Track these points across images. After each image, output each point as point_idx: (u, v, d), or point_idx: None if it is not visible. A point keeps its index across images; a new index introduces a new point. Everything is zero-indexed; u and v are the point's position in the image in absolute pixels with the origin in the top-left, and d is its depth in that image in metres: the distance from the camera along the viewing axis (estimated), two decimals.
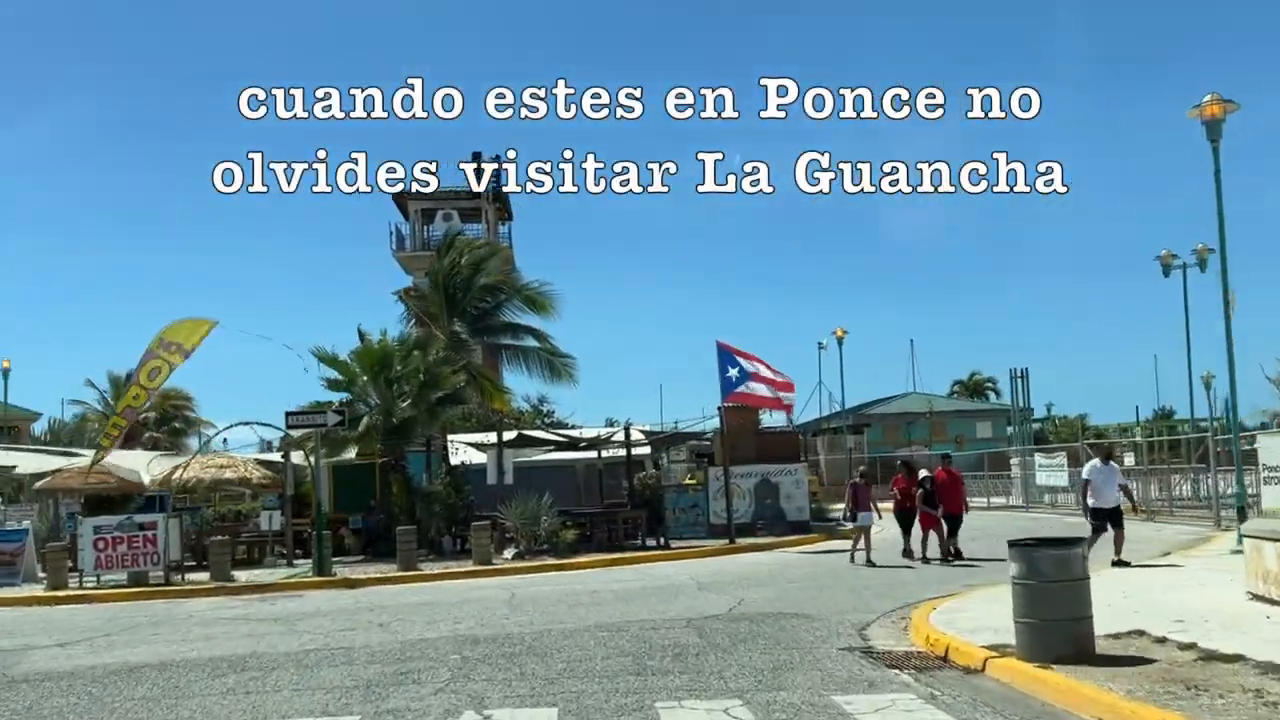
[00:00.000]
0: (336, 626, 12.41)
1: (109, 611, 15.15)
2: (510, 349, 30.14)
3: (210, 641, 11.49)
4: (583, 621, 11.95)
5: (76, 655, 10.84)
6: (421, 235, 51.18)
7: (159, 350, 18.63)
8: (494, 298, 29.20)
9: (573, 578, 17.64)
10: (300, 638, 11.56)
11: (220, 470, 21.39)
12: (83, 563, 17.54)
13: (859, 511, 17.28)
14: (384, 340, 22.82)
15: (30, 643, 11.94)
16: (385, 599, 15.45)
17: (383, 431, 22.39)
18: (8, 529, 20.50)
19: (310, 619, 13.29)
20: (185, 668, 9.76)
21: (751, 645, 9.90)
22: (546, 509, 20.53)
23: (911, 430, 51.19)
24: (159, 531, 17.57)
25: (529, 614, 12.87)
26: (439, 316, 28.24)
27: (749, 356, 23.08)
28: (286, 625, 12.75)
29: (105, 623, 13.68)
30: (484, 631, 11.45)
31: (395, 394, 22.65)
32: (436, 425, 23.15)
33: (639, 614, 12.46)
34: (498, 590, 15.89)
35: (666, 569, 18.54)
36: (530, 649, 10.10)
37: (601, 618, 12.21)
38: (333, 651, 10.44)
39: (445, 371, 22.82)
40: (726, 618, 11.88)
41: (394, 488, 22.98)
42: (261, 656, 10.24)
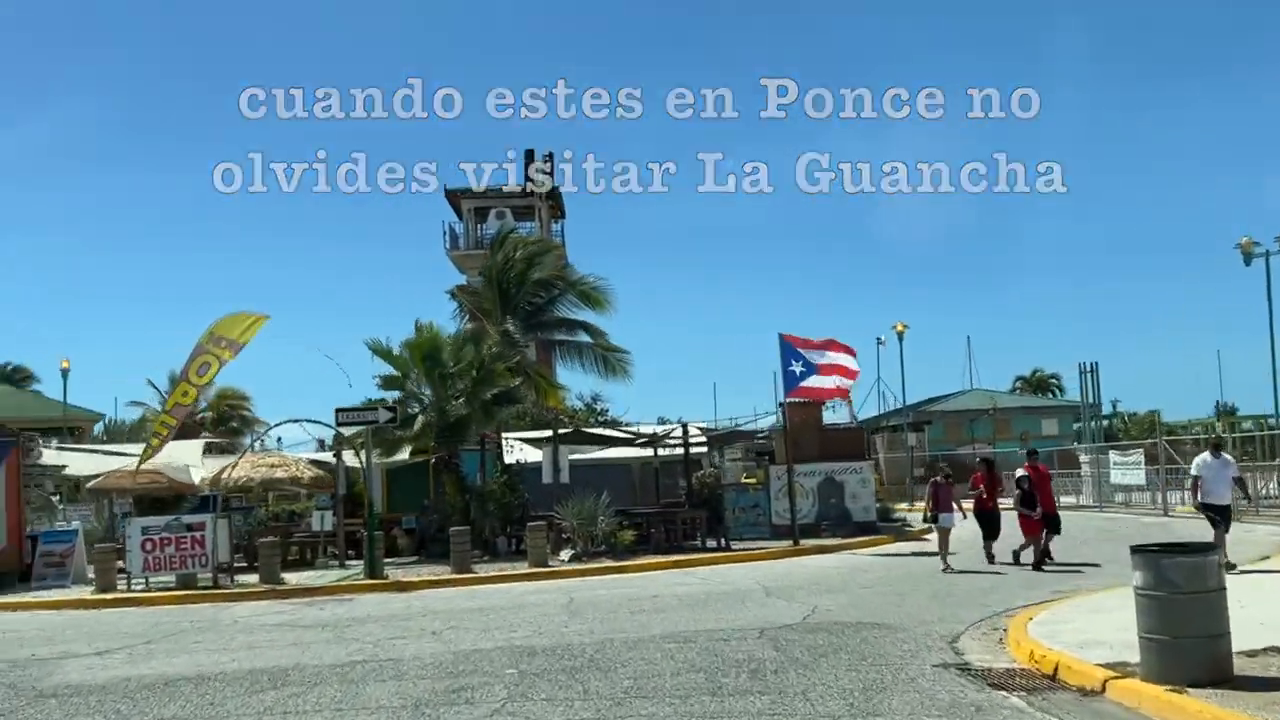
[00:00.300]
0: (386, 634, 11.67)
1: (154, 616, 14.57)
2: (564, 345, 29.41)
3: (252, 651, 10.79)
4: (647, 630, 11.09)
5: (112, 666, 10.18)
6: (475, 234, 50.83)
7: (209, 346, 18.10)
8: (547, 293, 28.48)
9: (632, 581, 16.80)
10: (347, 647, 10.82)
11: (271, 470, 20.85)
12: (130, 565, 17.03)
13: (940, 512, 16.16)
14: (433, 330, 22.11)
15: (68, 650, 11.33)
16: (438, 603, 14.71)
17: (436, 429, 21.70)
18: (58, 530, 20.09)
19: (359, 625, 12.56)
20: (222, 682, 9.04)
21: (835, 660, 8.97)
22: (604, 509, 19.70)
23: (974, 428, 49.66)
24: (207, 532, 17.00)
25: (589, 621, 12.03)
26: (492, 313, 27.56)
27: (813, 344, 21.91)
28: (334, 632, 12.03)
29: (148, 628, 13.08)
30: (542, 641, 10.63)
31: (449, 391, 21.96)
32: (491, 424, 22.42)
33: (706, 622, 11.57)
34: (555, 595, 15.08)
35: (730, 572, 17.62)
36: (593, 662, 9.25)
37: (667, 626, 11.33)
38: (381, 664, 9.67)
39: (500, 367, 22.09)
40: (801, 628, 10.95)
41: (447, 487, 22.29)
42: (304, 669, 9.50)
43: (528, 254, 28.16)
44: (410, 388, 22.01)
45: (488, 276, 27.96)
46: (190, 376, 18.22)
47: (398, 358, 21.88)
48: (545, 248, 28.51)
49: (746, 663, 8.97)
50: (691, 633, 10.82)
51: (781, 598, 13.64)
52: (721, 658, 9.23)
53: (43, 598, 16.91)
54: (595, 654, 9.70)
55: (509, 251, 28.04)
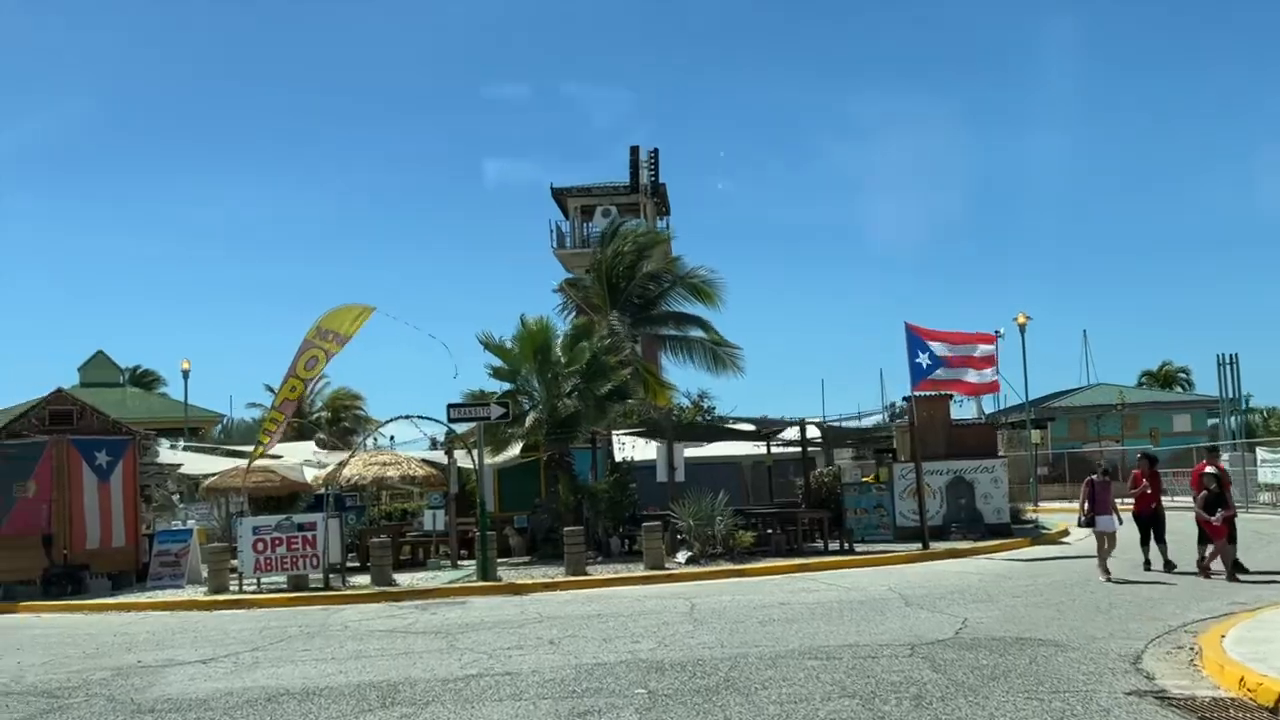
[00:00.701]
0: (501, 643, 10.82)
1: (263, 619, 14.04)
2: (672, 340, 28.55)
3: (361, 661, 10.04)
4: (782, 644, 10.01)
5: (216, 676, 9.53)
6: (581, 232, 50.36)
7: (316, 340, 17.64)
8: (656, 286, 27.69)
9: (754, 586, 15.71)
10: (461, 658, 9.99)
11: (384, 468, 20.34)
12: (242, 565, 16.62)
13: (1098, 515, 14.62)
14: (543, 323, 21.36)
15: (174, 657, 10.77)
16: (553, 608, 13.86)
17: (547, 426, 20.95)
18: (174, 529, 19.92)
19: (472, 633, 11.75)
20: (328, 698, 8.27)
21: (1007, 685, 7.76)
22: (722, 509, 18.63)
23: (1100, 425, 47.06)
24: (318, 532, 16.49)
25: (716, 632, 11.00)
26: (601, 307, 26.84)
27: (940, 336, 20.40)
28: (446, 640, 11.24)
29: (256, 633, 12.50)
30: (669, 655, 9.63)
31: (559, 387, 21.18)
32: (603, 420, 21.57)
33: (846, 636, 10.43)
34: (675, 600, 14.10)
35: (857, 578, 16.40)
36: (729, 682, 8.21)
37: (804, 640, 10.23)
38: (497, 679, 8.80)
39: (611, 361, 21.25)
40: (955, 644, 9.73)
41: (560, 485, 21.51)
42: (415, 684, 8.68)
43: (636, 246, 27.43)
44: (521, 383, 21.30)
45: (597, 270, 27.29)
46: (298, 371, 17.79)
47: (509, 352, 21.19)
48: (654, 240, 27.73)
49: (904, 686, 7.83)
50: (833, 648, 9.70)
51: (923, 608, 12.40)
52: (874, 680, 8.10)
53: (156, 598, 16.62)
54: (730, 672, 8.66)
55: (618, 245, 27.32)
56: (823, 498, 23.40)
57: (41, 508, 17.70)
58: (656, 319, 28.23)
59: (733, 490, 25.21)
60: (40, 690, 9.03)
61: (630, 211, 50.08)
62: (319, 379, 19.13)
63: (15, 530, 17.73)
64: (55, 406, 18.49)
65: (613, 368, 21.42)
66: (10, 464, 17.95)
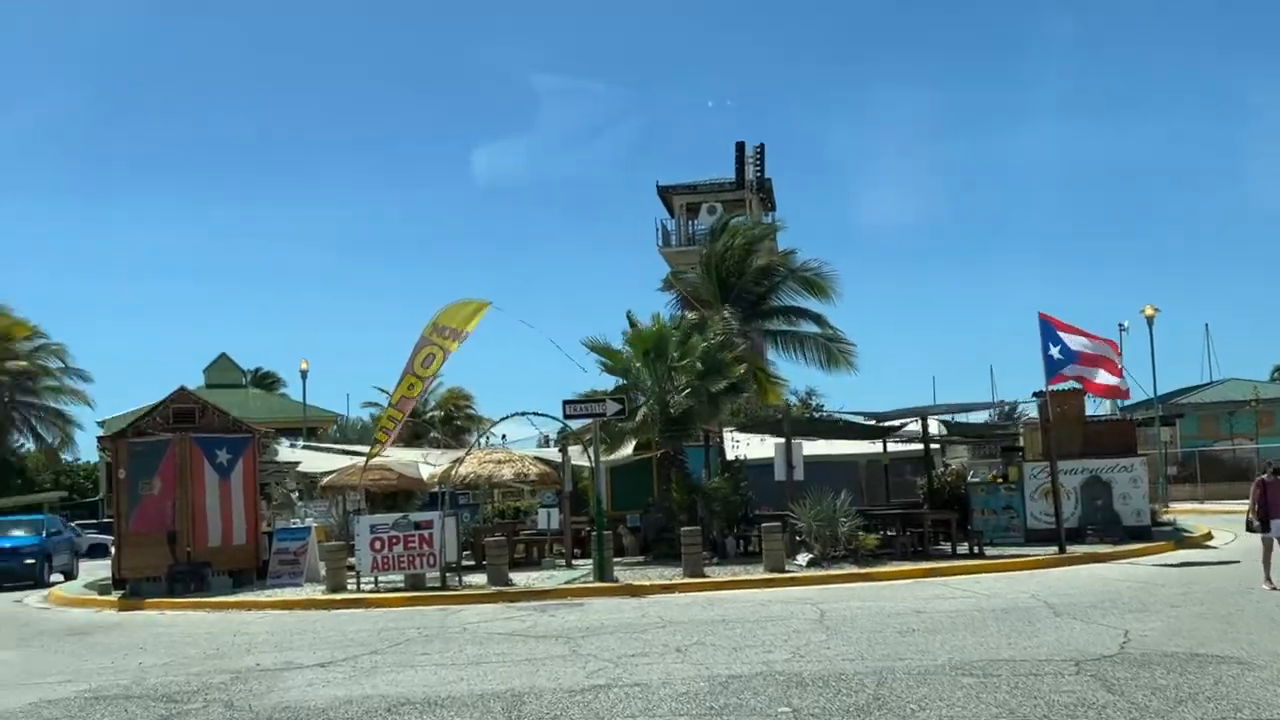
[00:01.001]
0: (626, 650, 10.21)
1: (381, 619, 13.71)
2: (783, 335, 27.65)
3: (482, 668, 9.53)
4: (929, 657, 9.16)
5: (335, 681, 9.13)
6: (686, 230, 49.81)
7: (432, 337, 17.35)
8: (768, 281, 26.86)
9: (882, 591, 14.82)
10: (585, 665, 9.41)
11: (498, 466, 20.01)
12: (359, 564, 16.40)
13: (1272, 518, 13.30)
14: (659, 323, 20.75)
15: (292, 660, 10.44)
16: (674, 612, 13.21)
17: (660, 424, 20.35)
18: (293, 527, 19.88)
19: (594, 637, 11.18)
20: (450, 709, 7.75)
21: (1197, 710, 6.83)
22: (845, 509, 17.74)
23: (1233, 421, 44.38)
24: (435, 531, 16.16)
25: (852, 642, 10.20)
26: (712, 304, 26.12)
27: (1073, 330, 19.18)
28: (568, 646, 10.69)
29: (374, 635, 12.15)
30: (807, 667, 8.88)
31: (672, 383, 20.56)
32: (718, 417, 20.86)
33: (998, 649, 9.52)
34: (801, 606, 13.31)
35: (992, 584, 15.36)
36: (879, 701, 7.44)
37: (952, 653, 9.36)
38: (626, 690, 8.18)
39: (726, 357, 20.53)
40: (1124, 660, 8.76)
41: (673, 484, 20.88)
42: (540, 694, 8.12)
43: (746, 240, 26.68)
44: (633, 380, 20.74)
45: (706, 265, 26.62)
46: (415, 368, 17.54)
47: (617, 353, 20.67)
48: (766, 231, 26.88)
49: (1080, 710, 6.95)
50: (987, 663, 8.82)
51: (1075, 618, 11.37)
52: (1044, 701, 7.23)
53: (275, 596, 16.51)
54: (878, 689, 7.88)
55: (728, 240, 26.59)
56: (946, 498, 22.29)
57: (166, 505, 17.80)
58: (766, 314, 27.40)
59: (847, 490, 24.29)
60: (160, 694, 8.75)
61: (736, 208, 49.33)
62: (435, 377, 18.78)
63: (141, 527, 17.89)
64: (178, 405, 18.61)
65: (726, 363, 20.71)
66: (137, 462, 18.14)
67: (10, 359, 44.56)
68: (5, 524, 25.98)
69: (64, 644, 12.69)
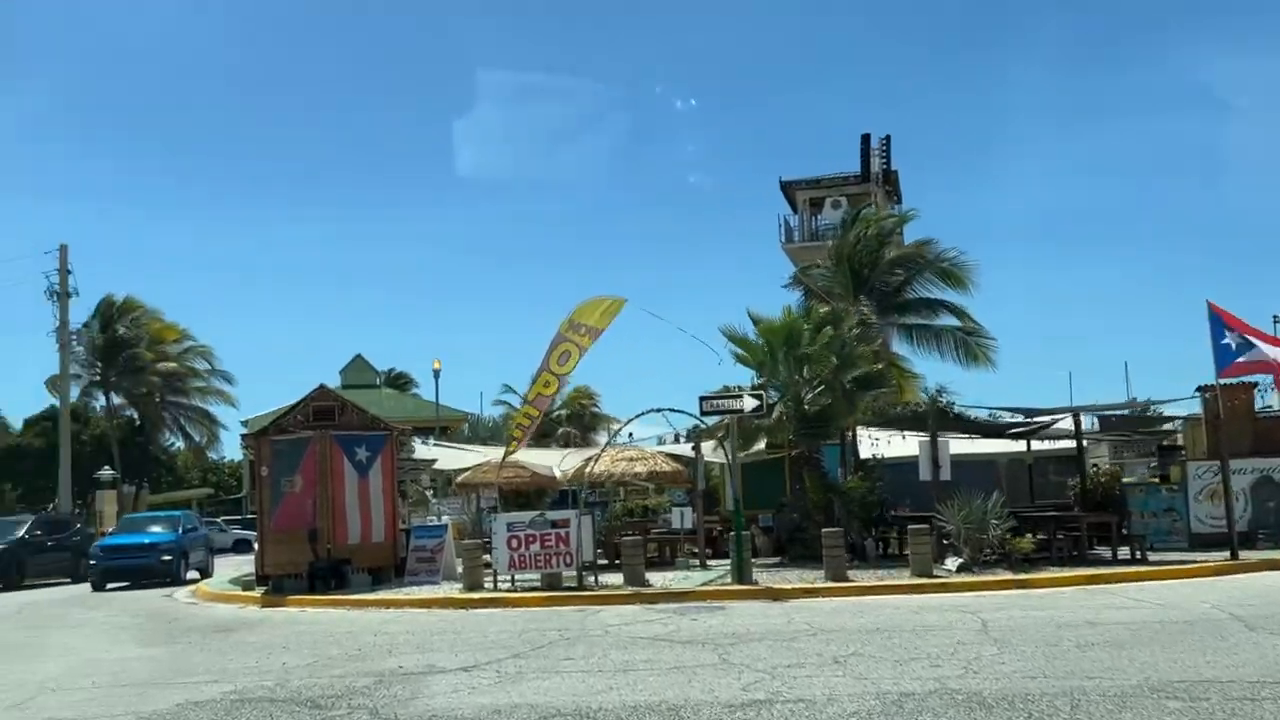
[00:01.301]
0: (779, 660, 9.51)
1: (520, 620, 13.31)
2: (919, 329, 26.44)
3: (629, 675, 8.97)
4: (1120, 676, 8.20)
5: (480, 688, 8.69)
6: (810, 226, 48.67)
7: (568, 334, 16.96)
8: (903, 272, 25.72)
9: (1044, 600, 13.75)
10: (740, 676, 8.75)
11: (630, 463, 19.52)
12: (496, 563, 16.10)
13: None
14: (791, 315, 19.94)
15: (434, 663, 10.06)
16: (822, 618, 12.44)
17: (795, 420, 19.54)
18: (429, 525, 19.75)
19: (743, 645, 10.51)
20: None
21: None
22: (997, 511, 16.64)
23: None
24: (572, 530, 15.74)
25: (1027, 657, 9.28)
26: (844, 296, 25.13)
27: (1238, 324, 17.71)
28: (717, 653, 10.04)
29: (515, 636, 11.73)
30: (984, 685, 8.03)
31: (806, 378, 19.73)
32: (855, 414, 19.93)
33: (1195, 668, 8.48)
34: (959, 614, 12.38)
35: (1163, 592, 14.12)
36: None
37: (1144, 672, 8.37)
38: (789, 706, 7.49)
39: (863, 350, 19.62)
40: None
41: (808, 483, 20.05)
42: (698, 709, 7.50)
43: (880, 230, 25.60)
44: (768, 375, 19.97)
45: (838, 257, 25.67)
46: (551, 366, 17.17)
47: (753, 343, 19.93)
48: (899, 223, 25.73)
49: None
50: (1189, 684, 7.83)
51: (1273, 633, 10.20)
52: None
53: (413, 594, 16.31)
54: (1073, 713, 7.00)
55: (860, 230, 25.57)
56: (1099, 500, 20.85)
57: (307, 502, 17.85)
58: (901, 306, 26.24)
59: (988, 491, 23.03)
60: (304, 698, 8.45)
61: (861, 201, 48.04)
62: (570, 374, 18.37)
63: (284, 524, 17.96)
64: (318, 403, 18.67)
65: (864, 357, 19.79)
66: (278, 459, 18.25)
67: (161, 361, 46.40)
68: (142, 520, 26.58)
69: (210, 641, 12.67)
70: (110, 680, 9.86)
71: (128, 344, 44.92)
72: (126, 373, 45.54)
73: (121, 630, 14.31)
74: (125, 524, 26.70)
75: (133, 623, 15.25)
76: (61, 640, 13.52)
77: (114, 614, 16.57)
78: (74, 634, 14.18)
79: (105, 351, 44.62)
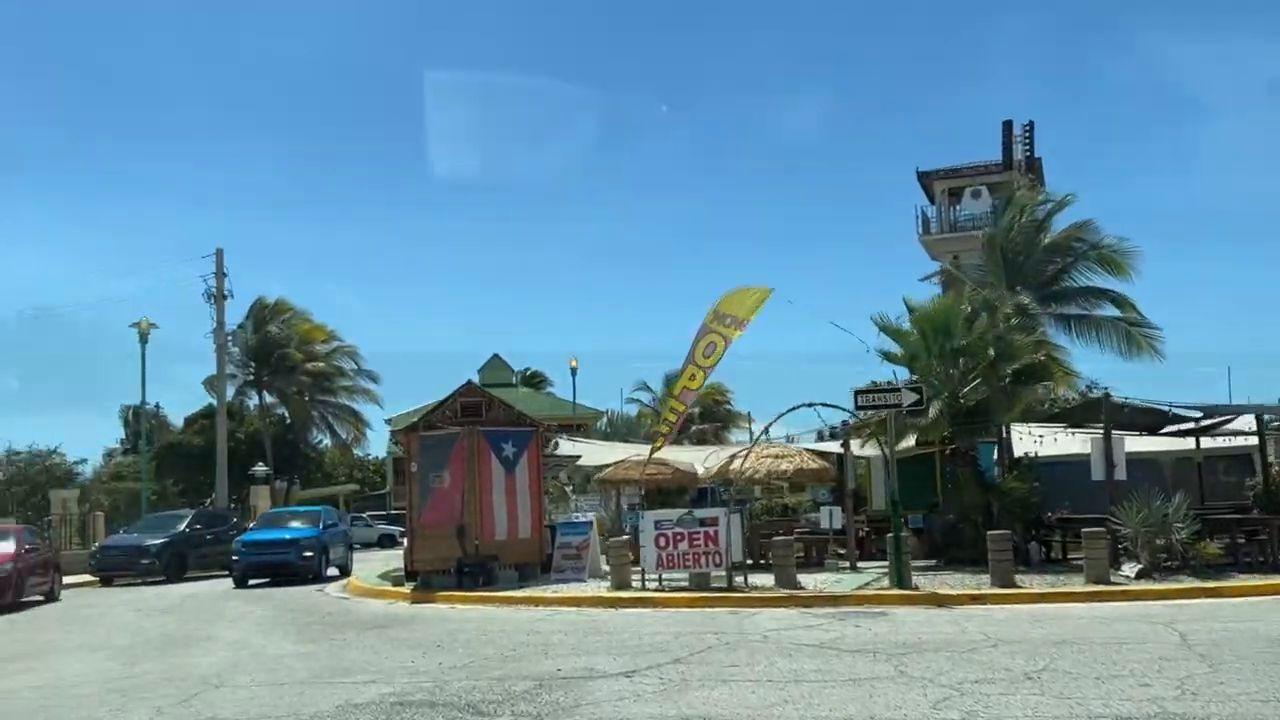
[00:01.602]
0: (963, 674, 8.69)
1: (672, 621, 12.77)
2: (1078, 319, 24.82)
3: (803, 687, 8.30)
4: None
5: (644, 695, 8.16)
6: (948, 216, 46.91)
7: (714, 325, 16.39)
8: (1060, 259, 24.14)
9: (1241, 610, 12.48)
10: (925, 692, 7.98)
11: (775, 461, 18.80)
12: (644, 561, 15.61)
13: None
14: (944, 301, 18.84)
15: (593, 666, 9.59)
16: (997, 628, 11.50)
17: (949, 415, 18.46)
18: (575, 521, 19.37)
19: (917, 656, 9.70)
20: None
21: None
22: (1180, 514, 15.30)
23: None
24: (720, 529, 15.14)
25: (1246, 676, 8.22)
26: (996, 286, 23.75)
27: None
28: (891, 664, 9.28)
29: (671, 639, 11.18)
30: (1209, 709, 7.07)
31: (961, 370, 18.62)
32: (1014, 410, 18.71)
33: None
34: (1149, 626, 11.28)
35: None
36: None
37: None
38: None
39: (1023, 341, 18.38)
40: None
41: (965, 482, 18.93)
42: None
43: (1034, 216, 24.13)
44: (919, 367, 18.92)
45: (989, 245, 24.30)
46: (696, 358, 16.62)
47: (905, 333, 18.92)
48: (1058, 206, 24.12)
49: None
50: None
51: None
52: None
53: (561, 592, 15.96)
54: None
55: (1013, 215, 24.16)
56: None
57: (455, 498, 17.70)
58: (1058, 296, 24.67)
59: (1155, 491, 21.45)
60: (465, 703, 8.07)
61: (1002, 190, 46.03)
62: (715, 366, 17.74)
63: (433, 520, 17.86)
64: (466, 399, 18.54)
65: (1023, 347, 18.57)
66: (427, 455, 18.15)
67: (310, 361, 47.77)
68: (283, 515, 25.76)
69: (364, 638, 12.52)
70: (269, 678, 9.71)
71: (279, 344, 46.38)
72: (278, 372, 47.05)
73: (276, 625, 14.35)
74: (266, 519, 26.01)
75: (288, 618, 15.30)
76: (223, 634, 13.61)
77: (270, 609, 16.71)
78: (233, 628, 14.30)
79: (258, 352, 46.18)
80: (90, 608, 18.41)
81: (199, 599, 19.47)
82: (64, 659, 11.85)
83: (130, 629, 14.70)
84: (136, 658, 11.52)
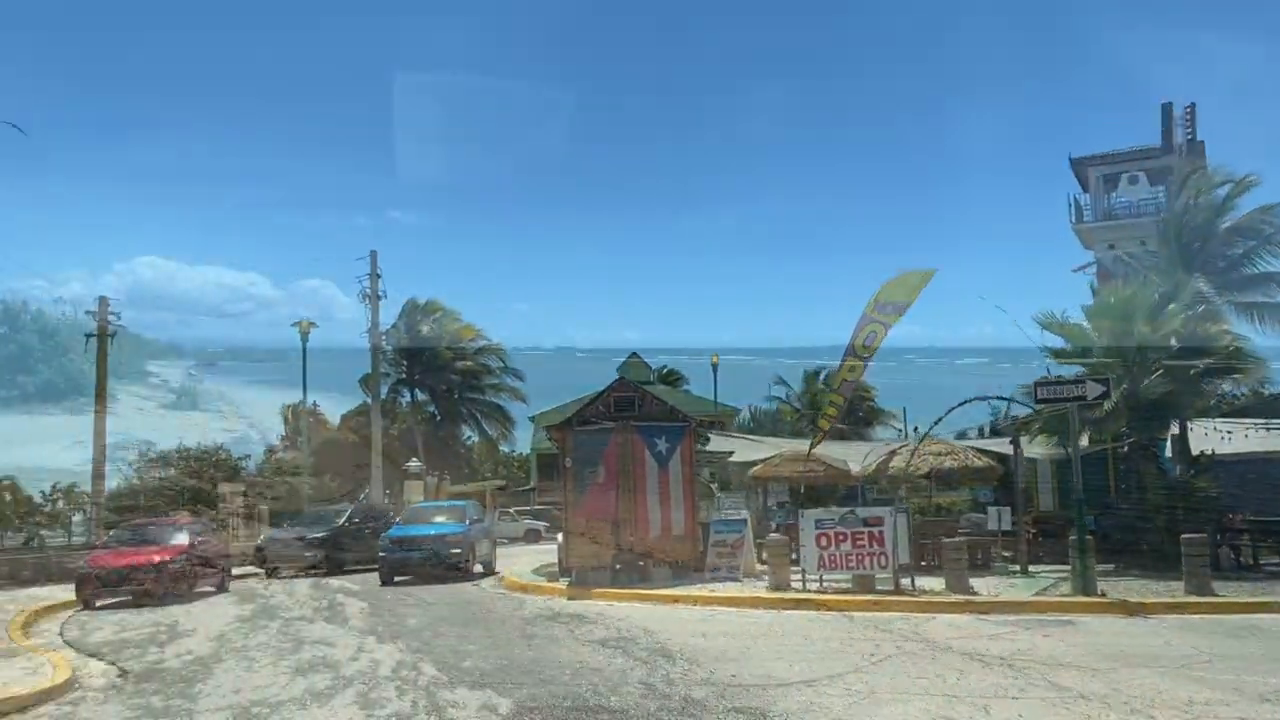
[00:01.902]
0: (1186, 693, 7.71)
1: (840, 627, 11.97)
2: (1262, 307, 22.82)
3: (1008, 704, 7.47)
4: None
5: (833, 709, 7.49)
6: (1103, 203, 44.43)
7: (874, 314, 15.57)
8: (1243, 244, 22.20)
9: None
10: (1152, 719, 7.05)
11: (939, 459, 17.76)
12: (804, 561, 14.86)
13: None
14: (1123, 291, 17.47)
15: (769, 674, 8.94)
16: (1207, 640, 10.36)
17: (1128, 410, 17.08)
18: (729, 519, 18.62)
19: (1126, 670, 8.70)
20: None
21: None
22: None
23: None
24: (886, 529, 14.28)
25: None
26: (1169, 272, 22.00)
27: None
28: (1101, 681, 8.32)
29: (845, 646, 10.44)
30: None
31: (1142, 363, 17.21)
32: (1201, 403, 17.21)
33: None
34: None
35: None
36: None
37: None
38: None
39: (1213, 330, 16.86)
40: None
41: (1145, 481, 17.50)
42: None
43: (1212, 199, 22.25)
44: (1093, 363, 17.58)
45: (1164, 229, 22.57)
46: (856, 349, 15.81)
47: (1075, 328, 17.61)
48: (1240, 188, 22.18)
49: None
50: None
51: None
52: None
53: (718, 592, 15.27)
54: None
55: (1188, 197, 22.34)
56: None
57: (609, 494, 17.30)
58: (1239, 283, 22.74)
59: None
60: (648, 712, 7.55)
61: (1160, 175, 43.28)
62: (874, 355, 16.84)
63: (587, 516, 17.49)
64: (619, 394, 18.14)
65: (1213, 336, 17.04)
66: (581, 451, 17.77)
67: (459, 359, 48.58)
68: (428, 510, 24.77)
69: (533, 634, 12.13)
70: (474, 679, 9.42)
71: (430, 343, 47.26)
72: (429, 370, 47.99)
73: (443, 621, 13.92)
74: (412, 514, 24.90)
75: (457, 614, 14.70)
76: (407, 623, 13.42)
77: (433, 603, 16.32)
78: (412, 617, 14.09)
79: (410, 350, 47.17)
80: (264, 596, 18.56)
81: (367, 594, 19.01)
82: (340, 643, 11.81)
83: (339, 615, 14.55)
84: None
